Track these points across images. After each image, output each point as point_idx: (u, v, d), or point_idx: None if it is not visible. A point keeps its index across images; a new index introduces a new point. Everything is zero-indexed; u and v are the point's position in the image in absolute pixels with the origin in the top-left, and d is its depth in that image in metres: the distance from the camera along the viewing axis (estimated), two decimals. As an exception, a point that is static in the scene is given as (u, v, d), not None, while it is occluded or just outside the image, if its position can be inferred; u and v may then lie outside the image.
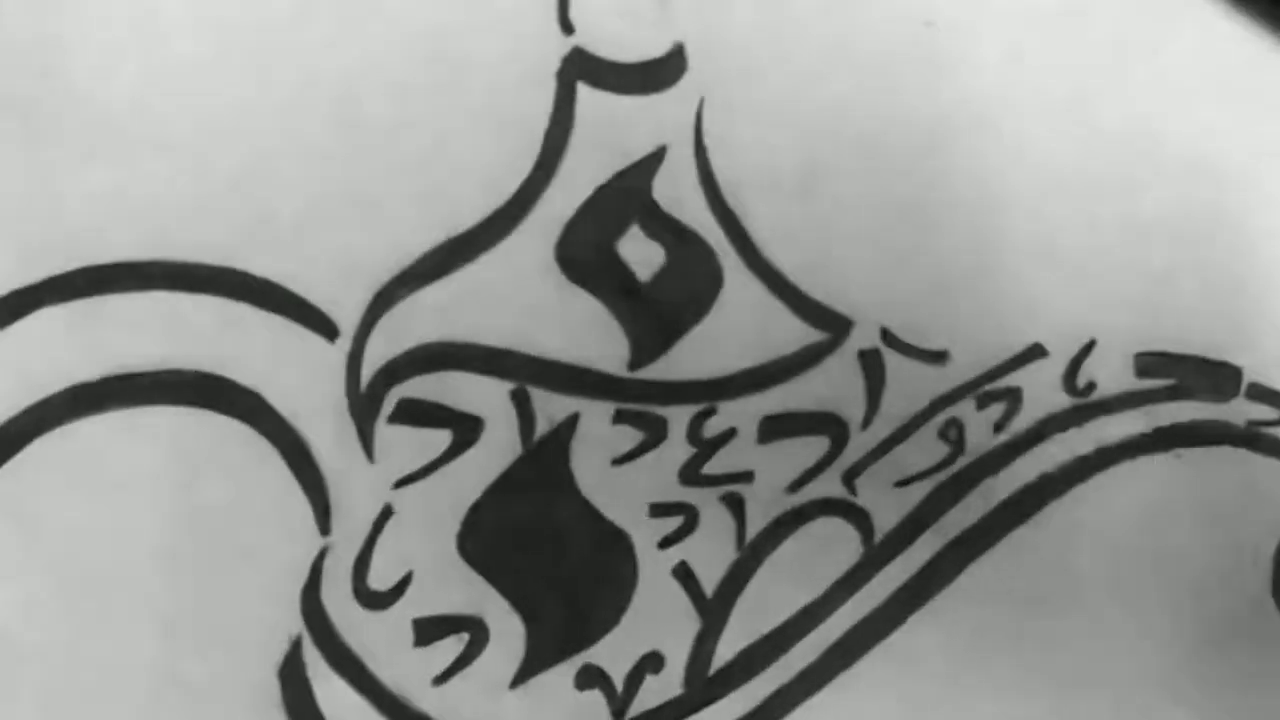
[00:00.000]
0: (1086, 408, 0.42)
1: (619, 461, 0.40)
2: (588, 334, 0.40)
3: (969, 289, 0.42)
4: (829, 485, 0.41)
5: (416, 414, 0.39)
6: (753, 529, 0.41)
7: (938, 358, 0.42)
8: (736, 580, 0.41)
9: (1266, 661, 0.42)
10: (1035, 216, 0.42)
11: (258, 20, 0.39)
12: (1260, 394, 0.43)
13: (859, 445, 0.41)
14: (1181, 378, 0.43)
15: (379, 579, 0.39)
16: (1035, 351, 0.42)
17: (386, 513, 0.39)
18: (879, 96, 0.41)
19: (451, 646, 0.39)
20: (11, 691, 0.37)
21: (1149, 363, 0.42)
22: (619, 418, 0.40)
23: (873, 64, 0.41)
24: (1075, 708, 0.41)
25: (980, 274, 0.42)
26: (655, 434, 0.40)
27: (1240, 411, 0.43)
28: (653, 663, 0.40)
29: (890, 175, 0.41)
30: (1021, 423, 0.42)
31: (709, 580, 0.40)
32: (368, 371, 0.39)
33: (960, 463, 0.42)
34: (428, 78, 0.39)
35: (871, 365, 0.41)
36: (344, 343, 0.39)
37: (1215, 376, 0.43)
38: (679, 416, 0.41)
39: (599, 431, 0.40)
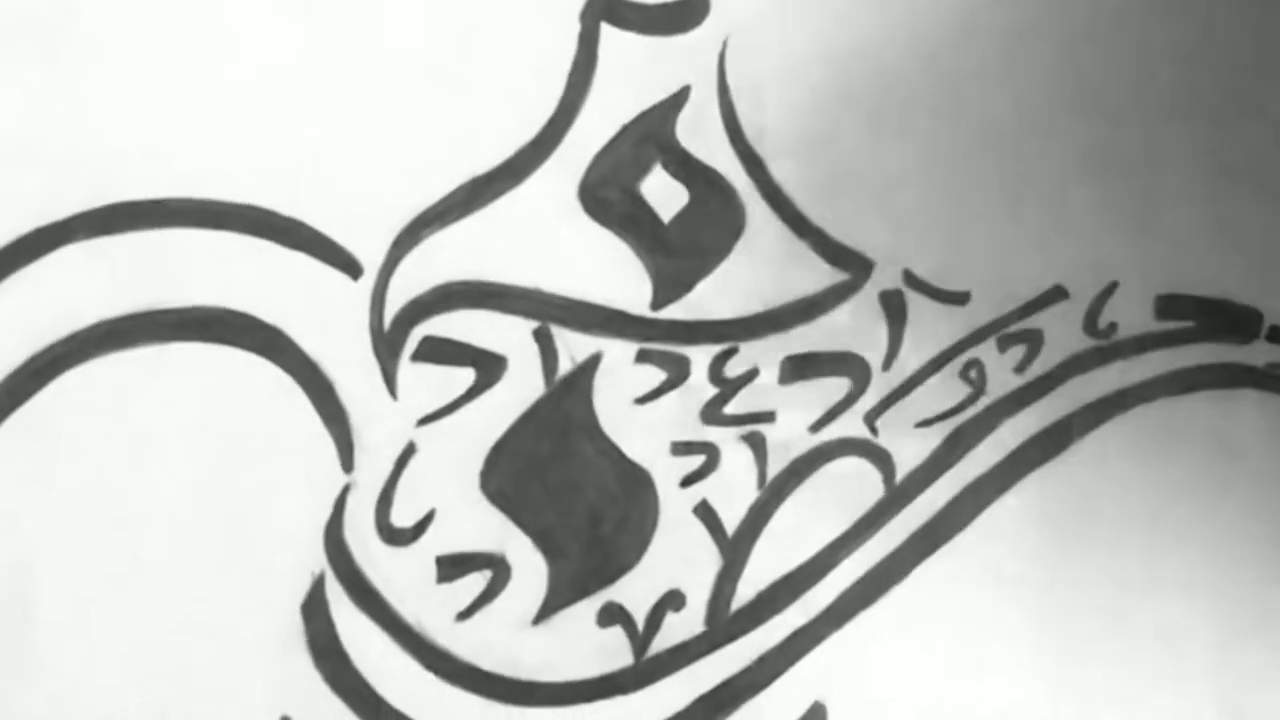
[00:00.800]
0: (1107, 349, 0.42)
1: (641, 400, 0.40)
2: (610, 273, 0.40)
3: (991, 231, 0.42)
4: (850, 425, 0.41)
5: (439, 352, 0.39)
6: (774, 468, 0.41)
7: (959, 299, 0.42)
8: (757, 519, 0.41)
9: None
10: (1059, 157, 0.42)
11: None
12: (1281, 336, 0.43)
13: (880, 386, 0.41)
14: (1202, 320, 0.43)
15: (402, 516, 0.39)
16: (1056, 293, 0.42)
17: (409, 450, 0.39)
18: (903, 38, 0.41)
19: (474, 583, 0.39)
20: (37, 625, 0.37)
21: (1170, 305, 0.43)
22: (641, 357, 0.40)
23: (897, 4, 0.41)
24: (1092, 648, 0.41)
25: (1002, 215, 0.42)
26: (677, 373, 0.41)
27: (1261, 354, 0.43)
28: (674, 600, 0.40)
29: (914, 117, 0.41)
30: (1042, 364, 0.42)
31: (730, 519, 0.41)
32: (391, 310, 0.39)
33: (981, 404, 0.42)
34: (451, 17, 0.40)
35: (893, 306, 0.42)
36: (367, 281, 0.39)
37: (1236, 319, 0.43)
38: (701, 356, 0.41)
39: (621, 370, 0.40)
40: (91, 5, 0.38)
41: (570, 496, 0.40)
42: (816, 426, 0.41)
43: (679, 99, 0.41)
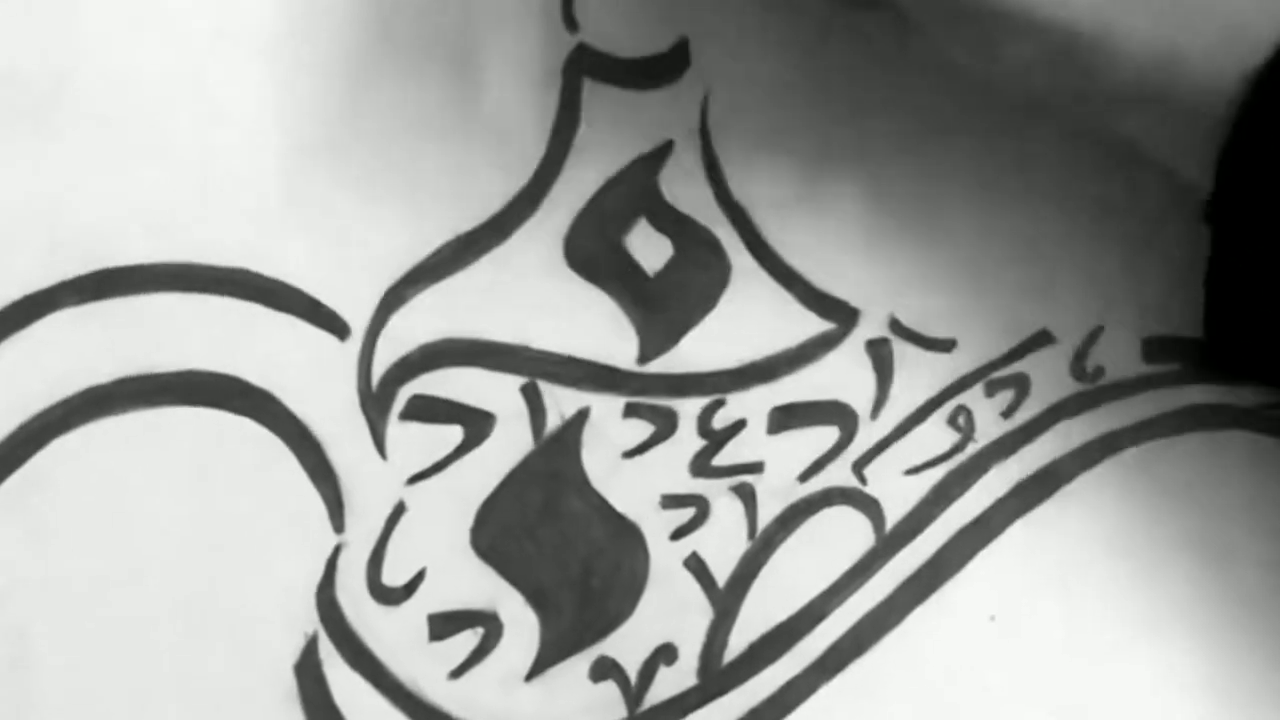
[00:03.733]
0: (1095, 393, 0.42)
1: (630, 454, 0.40)
2: (597, 328, 0.40)
3: (976, 277, 0.42)
4: (839, 474, 0.41)
5: (428, 410, 0.40)
6: (764, 519, 0.41)
7: (946, 346, 0.42)
8: (748, 570, 0.41)
9: (1276, 640, 0.42)
10: (1042, 201, 0.42)
11: (265, 31, 0.39)
12: (1269, 377, 0.43)
13: (868, 434, 0.41)
14: (1190, 362, 0.43)
15: (393, 575, 0.39)
16: (1043, 338, 0.42)
17: (400, 509, 0.39)
18: (883, 86, 0.41)
19: (466, 640, 0.39)
20: (30, 691, 0.37)
21: (1157, 347, 0.43)
22: (629, 411, 0.40)
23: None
24: (1087, 694, 0.41)
25: (987, 262, 0.42)
26: (666, 426, 0.41)
27: (1250, 395, 0.43)
28: (666, 654, 0.40)
29: (896, 164, 0.42)
30: (1030, 409, 0.42)
31: (721, 571, 0.41)
32: (379, 369, 0.39)
33: (969, 450, 0.42)
34: (433, 74, 0.40)
35: (880, 354, 0.42)
36: (355, 341, 0.39)
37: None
38: (689, 409, 0.41)
39: (610, 425, 0.40)
40: (82, 72, 0.38)
41: (561, 552, 0.40)
42: (805, 476, 0.41)
43: (662, 152, 0.41)
